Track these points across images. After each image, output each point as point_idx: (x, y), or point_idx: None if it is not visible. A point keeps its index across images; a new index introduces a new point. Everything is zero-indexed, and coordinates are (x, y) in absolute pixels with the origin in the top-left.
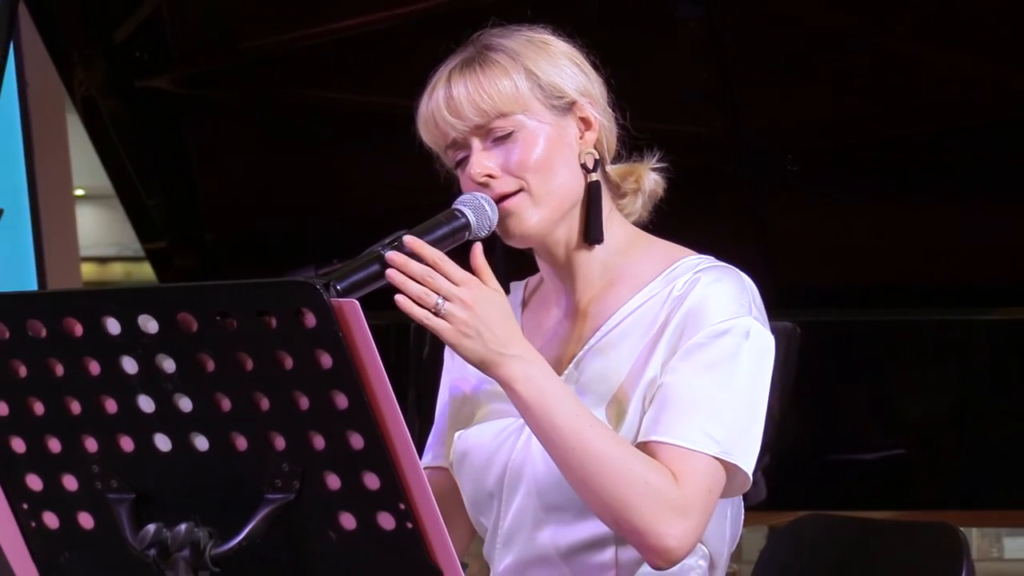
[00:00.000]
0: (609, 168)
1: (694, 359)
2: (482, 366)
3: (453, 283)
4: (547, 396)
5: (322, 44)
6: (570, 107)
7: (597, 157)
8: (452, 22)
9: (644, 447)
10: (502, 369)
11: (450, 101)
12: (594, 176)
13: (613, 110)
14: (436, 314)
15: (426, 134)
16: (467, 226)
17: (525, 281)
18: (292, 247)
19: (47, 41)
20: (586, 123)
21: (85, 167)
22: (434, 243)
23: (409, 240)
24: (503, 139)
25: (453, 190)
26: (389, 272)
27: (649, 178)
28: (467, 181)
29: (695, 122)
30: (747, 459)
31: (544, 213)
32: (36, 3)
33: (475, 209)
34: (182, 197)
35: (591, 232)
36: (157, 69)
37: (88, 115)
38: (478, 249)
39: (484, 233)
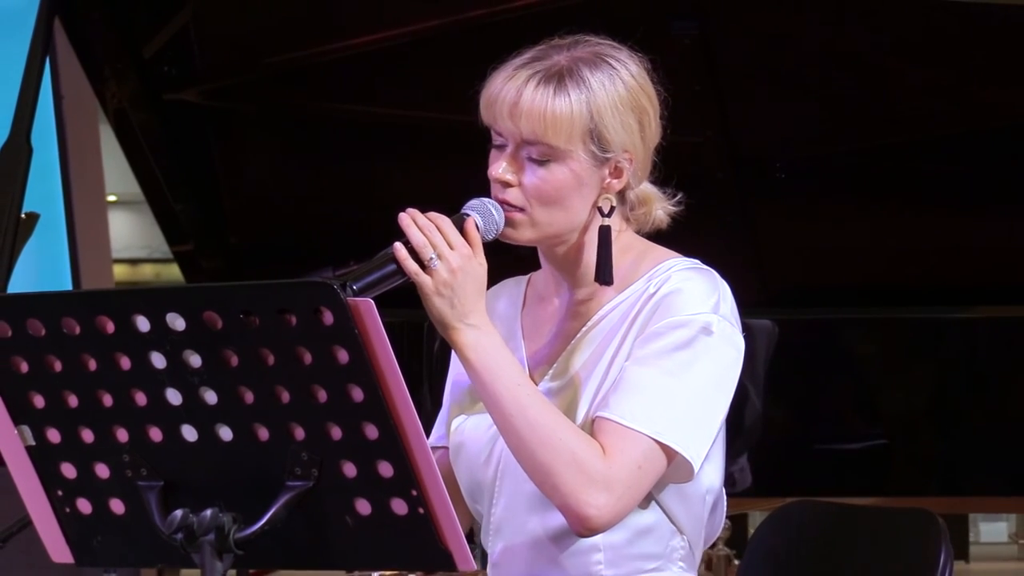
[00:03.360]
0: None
1: (649, 346)
2: (441, 327)
3: (449, 245)
4: (493, 364)
5: (340, 59)
6: (609, 159)
7: (614, 204)
8: (466, 39)
9: (592, 423)
10: (458, 334)
11: (515, 108)
12: (607, 220)
13: (657, 152)
14: (424, 269)
15: (483, 109)
16: (475, 229)
17: (528, 277)
18: (311, 250)
19: (81, 57)
20: (618, 172)
21: (117, 174)
22: None
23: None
24: (536, 161)
25: (464, 196)
26: (401, 216)
27: (658, 214)
28: (490, 167)
29: (688, 133)
30: (687, 444)
31: (539, 235)
32: (70, 21)
33: (483, 214)
34: (208, 203)
35: (601, 274)
36: (184, 83)
37: (119, 126)
38: (471, 223)
39: (491, 236)
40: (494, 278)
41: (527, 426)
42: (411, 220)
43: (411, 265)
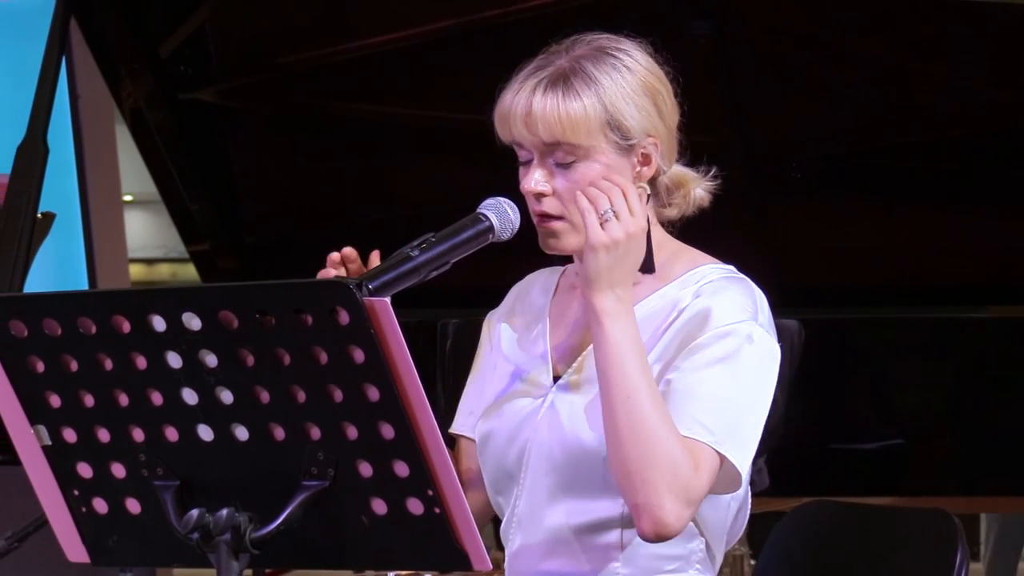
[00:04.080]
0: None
1: (696, 358)
2: (589, 284)
3: (630, 211)
4: (625, 342)
5: (355, 59)
6: (633, 147)
7: (649, 192)
8: (481, 39)
9: None
10: (604, 299)
11: (528, 117)
12: None
13: (680, 130)
14: (600, 220)
15: (498, 127)
16: (491, 229)
17: (564, 267)
18: (326, 249)
19: (97, 56)
20: (646, 159)
21: (133, 174)
22: (459, 245)
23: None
24: (563, 164)
25: (479, 196)
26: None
27: (697, 193)
28: (521, 184)
29: (704, 132)
30: (738, 454)
31: (583, 239)
32: (87, 20)
33: (498, 213)
34: (223, 202)
35: (643, 264)
36: (200, 82)
37: (135, 126)
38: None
39: (507, 236)
40: (507, 274)
41: (639, 415)
42: (606, 179)
43: (583, 203)
